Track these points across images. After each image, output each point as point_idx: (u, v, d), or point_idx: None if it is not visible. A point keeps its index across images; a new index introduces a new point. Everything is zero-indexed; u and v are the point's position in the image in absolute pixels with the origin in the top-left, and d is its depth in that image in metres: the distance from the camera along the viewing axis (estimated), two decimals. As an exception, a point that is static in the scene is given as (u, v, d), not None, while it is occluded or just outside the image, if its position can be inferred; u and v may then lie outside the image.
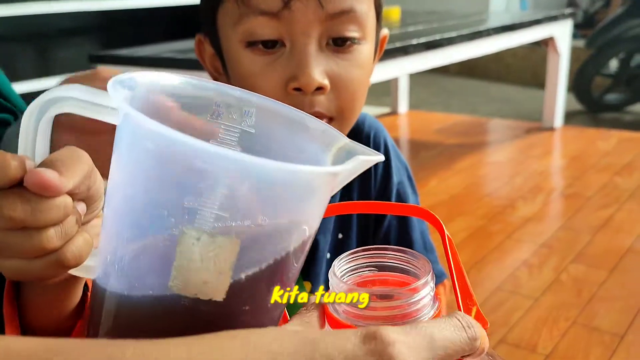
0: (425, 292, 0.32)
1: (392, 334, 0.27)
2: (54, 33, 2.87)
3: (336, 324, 0.33)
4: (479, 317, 0.35)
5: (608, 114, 3.50)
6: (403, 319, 0.32)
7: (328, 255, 0.69)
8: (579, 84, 3.55)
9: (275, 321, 0.33)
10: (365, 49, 0.58)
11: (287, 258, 0.31)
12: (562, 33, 2.77)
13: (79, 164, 0.31)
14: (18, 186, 0.29)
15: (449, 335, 0.29)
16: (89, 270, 0.33)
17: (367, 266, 0.36)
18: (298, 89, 0.54)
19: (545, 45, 2.81)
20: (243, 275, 0.29)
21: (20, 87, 2.49)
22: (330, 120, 0.56)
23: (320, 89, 0.54)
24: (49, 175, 0.29)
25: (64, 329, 0.41)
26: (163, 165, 0.28)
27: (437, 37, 1.96)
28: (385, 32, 0.67)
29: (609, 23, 3.63)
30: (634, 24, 3.50)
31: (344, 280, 0.35)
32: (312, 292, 0.67)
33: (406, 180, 0.75)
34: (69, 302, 0.38)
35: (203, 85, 0.35)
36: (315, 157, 0.36)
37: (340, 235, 0.70)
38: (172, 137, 0.25)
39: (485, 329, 0.35)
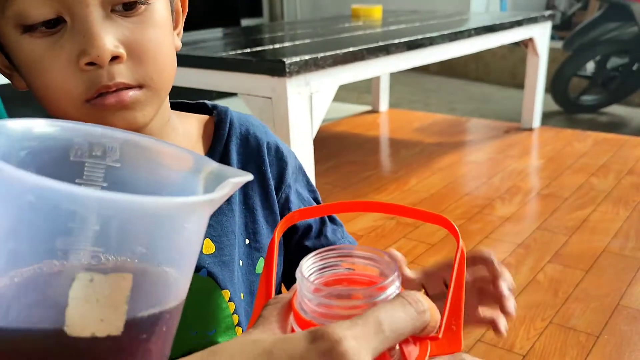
0: (391, 291, 0.33)
1: (338, 330, 0.27)
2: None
3: (304, 325, 0.33)
4: (456, 339, 0.35)
5: (584, 115, 3.56)
6: None
7: (240, 262, 0.67)
8: (556, 85, 3.60)
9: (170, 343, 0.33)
10: (158, 7, 0.53)
11: (177, 282, 0.32)
12: (541, 35, 2.80)
13: None
14: None
15: (397, 315, 0.30)
16: None
17: (333, 265, 0.36)
18: (91, 64, 0.48)
19: (525, 45, 2.84)
20: (136, 306, 0.29)
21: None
22: (140, 88, 0.51)
23: (115, 58, 0.49)
24: None
25: None
26: (32, 211, 0.28)
27: (419, 37, 1.96)
28: None
29: (586, 26, 3.69)
30: (611, 27, 3.57)
31: (311, 279, 0.35)
32: (230, 300, 0.65)
33: (301, 175, 0.74)
34: None
35: (63, 127, 0.35)
36: (187, 184, 0.36)
37: (247, 241, 0.68)
38: (37, 183, 0.25)
39: (458, 351, 0.35)
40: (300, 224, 0.71)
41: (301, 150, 1.59)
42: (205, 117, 0.67)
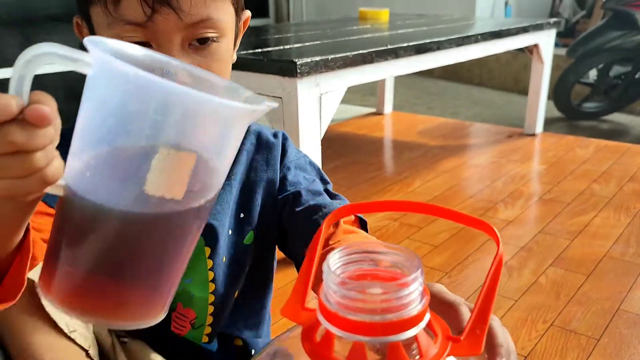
0: (414, 287, 0.35)
1: None
2: (41, 19, 2.83)
3: (329, 315, 0.35)
4: (477, 343, 0.36)
5: (586, 122, 3.58)
6: (392, 311, 0.34)
7: (229, 232, 0.78)
8: (558, 92, 3.63)
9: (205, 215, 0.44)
10: (224, 44, 0.65)
11: (214, 173, 0.42)
12: (546, 41, 2.83)
13: (53, 102, 0.39)
14: (16, 119, 0.37)
15: None
16: (60, 189, 0.41)
17: (359, 260, 0.38)
18: None
19: (529, 52, 2.86)
20: (193, 182, 0.39)
21: (6, 73, 2.47)
22: None
23: None
24: (45, 109, 0.37)
25: (4, 260, 0.50)
26: (134, 97, 0.37)
27: (427, 41, 1.99)
28: (247, 14, 0.74)
29: (590, 33, 3.72)
30: (614, 35, 3.59)
31: (337, 273, 0.37)
32: (210, 257, 0.77)
33: (308, 165, 0.85)
34: (22, 225, 0.48)
35: (140, 50, 0.45)
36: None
37: (242, 215, 0.80)
38: (143, 75, 0.35)
39: (478, 354, 0.37)
40: (290, 193, 0.80)
41: (309, 150, 1.62)
42: None
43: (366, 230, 0.80)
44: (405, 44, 1.88)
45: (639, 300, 1.52)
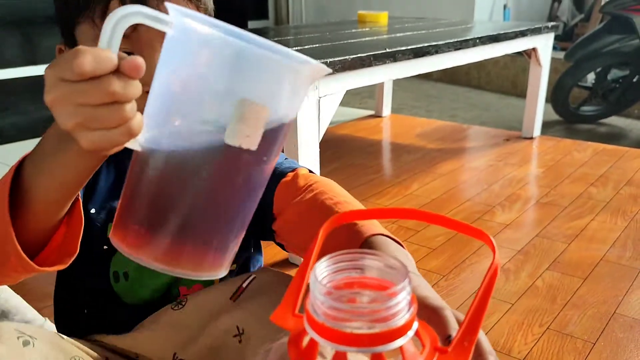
0: (402, 297, 0.34)
1: None
2: (41, 20, 2.83)
3: (316, 327, 0.34)
4: (464, 355, 0.36)
5: (583, 125, 3.59)
6: (380, 322, 0.33)
7: None
8: (556, 95, 3.64)
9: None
10: None
11: (283, 128, 0.44)
12: (544, 45, 2.84)
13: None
14: (114, 71, 0.40)
15: None
16: (137, 144, 0.44)
17: (346, 269, 0.37)
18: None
19: (527, 55, 2.87)
20: (266, 132, 0.42)
21: (6, 74, 2.47)
22: None
23: None
24: (139, 61, 0.41)
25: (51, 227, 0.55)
26: (214, 55, 0.41)
27: (426, 44, 1.99)
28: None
29: (588, 37, 3.73)
30: (612, 39, 3.60)
31: (324, 282, 0.36)
32: None
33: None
34: (83, 185, 0.52)
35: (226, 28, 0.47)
36: None
37: None
38: (219, 35, 0.39)
39: None
40: (276, 175, 0.79)
41: (307, 153, 1.62)
42: None
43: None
44: (403, 48, 1.89)
45: (635, 304, 1.53)
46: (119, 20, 0.41)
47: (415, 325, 0.36)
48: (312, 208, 0.71)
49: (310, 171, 0.81)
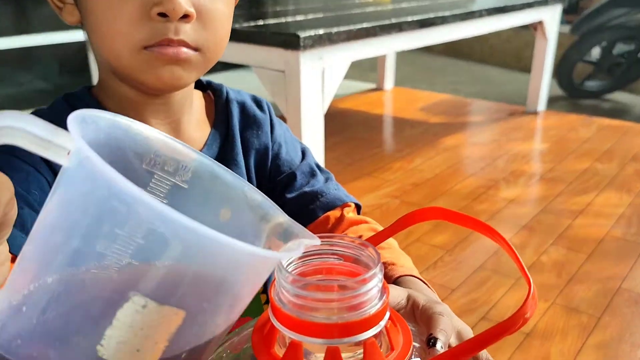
0: (373, 284, 0.31)
1: None
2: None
3: (282, 318, 0.32)
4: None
5: (588, 100, 3.56)
6: (350, 310, 0.31)
7: None
8: (561, 70, 3.59)
9: None
10: None
11: (218, 335, 0.31)
12: (551, 18, 2.79)
13: (3, 190, 0.28)
14: None
15: None
16: None
17: (314, 254, 0.35)
18: (163, 15, 0.51)
19: (533, 29, 2.82)
20: (175, 347, 0.28)
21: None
22: (196, 51, 0.54)
23: (186, 17, 0.51)
24: None
25: None
26: (116, 220, 0.26)
27: (432, 15, 1.95)
28: None
29: (594, 11, 3.66)
30: (618, 13, 3.54)
31: (289, 269, 0.34)
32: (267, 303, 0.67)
33: (292, 136, 0.76)
34: None
35: (148, 133, 0.34)
36: (251, 228, 0.35)
37: None
38: (136, 196, 0.24)
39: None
40: (284, 174, 0.71)
41: (312, 125, 1.59)
42: (200, 92, 0.70)
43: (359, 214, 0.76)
44: (409, 18, 1.85)
45: (640, 279, 1.52)
46: None
47: (387, 316, 0.33)
48: None
49: (358, 208, 0.73)
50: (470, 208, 1.93)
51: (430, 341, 0.39)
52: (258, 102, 0.73)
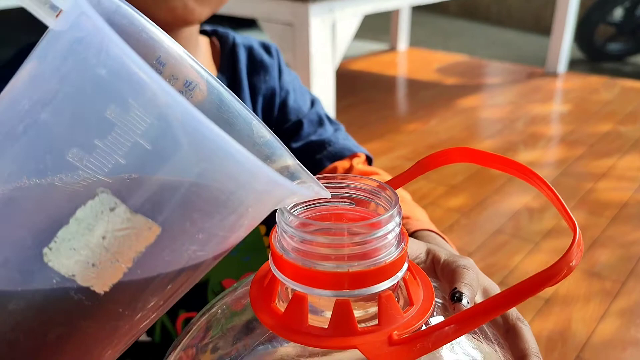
0: (390, 227, 0.27)
1: None
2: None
3: (284, 266, 0.27)
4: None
5: (609, 63, 3.43)
6: (363, 258, 0.26)
7: None
8: (581, 32, 3.45)
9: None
10: None
11: (198, 268, 0.24)
12: (574, -26, 2.66)
13: None
14: None
15: None
16: None
17: (321, 198, 0.30)
18: None
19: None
20: (139, 271, 0.22)
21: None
22: None
23: None
24: None
25: None
26: (96, 89, 0.20)
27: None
28: None
29: (618, -31, 3.50)
30: (643, -29, 3.38)
31: (295, 212, 0.29)
32: (266, 234, 0.65)
33: (300, 84, 0.74)
34: None
35: (155, 33, 0.28)
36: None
37: None
38: (152, 77, 0.18)
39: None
40: (291, 122, 0.68)
41: (322, 82, 1.51)
42: (207, 38, 0.68)
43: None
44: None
45: (667, 244, 1.45)
46: None
47: (405, 267, 0.28)
48: None
49: (369, 159, 0.71)
50: (486, 171, 1.85)
51: (455, 296, 0.33)
52: (266, 47, 0.70)
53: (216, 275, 0.70)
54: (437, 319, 0.32)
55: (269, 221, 0.62)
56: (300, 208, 0.30)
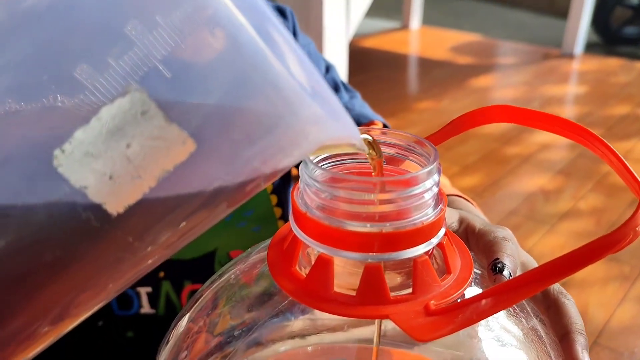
0: (428, 185, 0.23)
1: None
2: None
3: (307, 226, 0.24)
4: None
5: (624, 47, 3.35)
6: (397, 218, 0.23)
7: None
8: (598, 14, 3.37)
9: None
10: None
11: (215, 209, 0.20)
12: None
13: None
14: None
15: None
16: None
17: (348, 154, 0.28)
18: None
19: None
20: (161, 195, 0.18)
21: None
22: None
23: None
24: None
25: None
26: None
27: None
28: None
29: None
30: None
31: (321, 165, 0.25)
32: (278, 205, 0.60)
33: (315, 50, 0.69)
34: None
35: None
36: None
37: None
38: None
39: None
40: None
41: (335, 54, 1.46)
42: None
43: None
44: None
45: (687, 229, 1.41)
46: None
47: (443, 231, 0.25)
48: None
49: (385, 127, 0.67)
50: (500, 151, 1.81)
51: (497, 266, 0.30)
52: (281, 10, 0.67)
53: (224, 246, 0.66)
54: (474, 291, 0.28)
55: (281, 192, 0.56)
56: (327, 163, 0.26)
